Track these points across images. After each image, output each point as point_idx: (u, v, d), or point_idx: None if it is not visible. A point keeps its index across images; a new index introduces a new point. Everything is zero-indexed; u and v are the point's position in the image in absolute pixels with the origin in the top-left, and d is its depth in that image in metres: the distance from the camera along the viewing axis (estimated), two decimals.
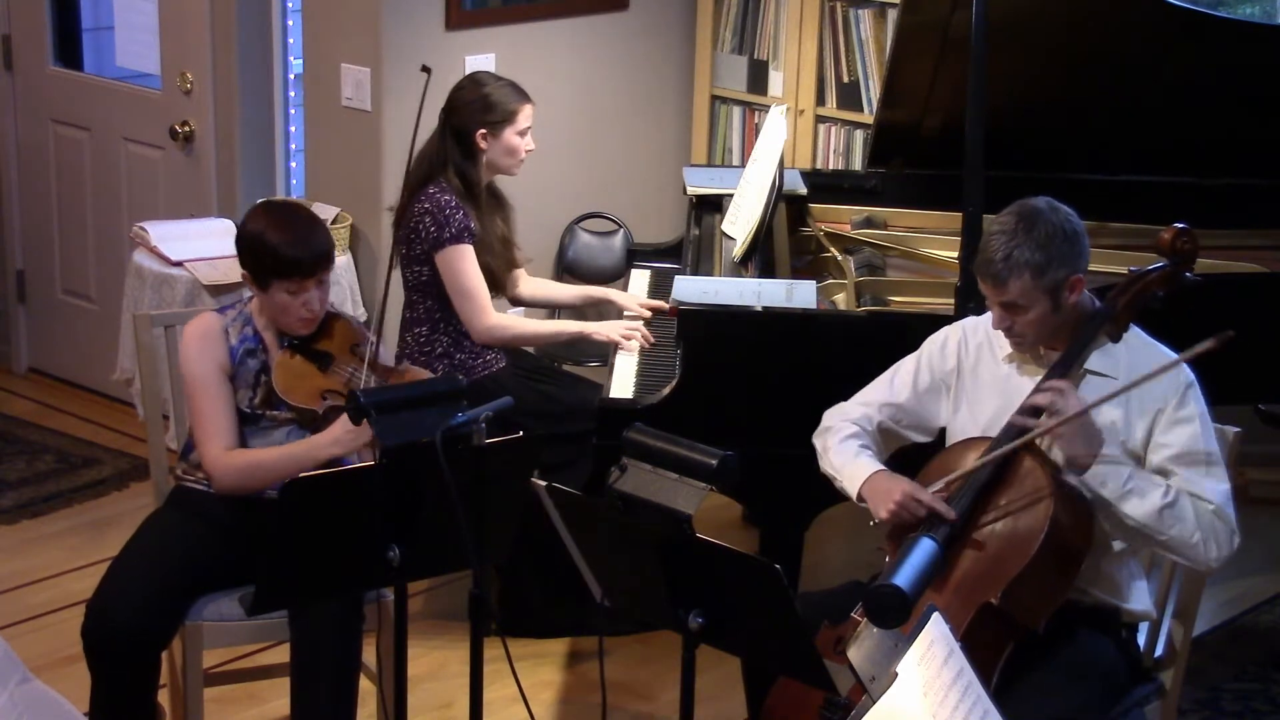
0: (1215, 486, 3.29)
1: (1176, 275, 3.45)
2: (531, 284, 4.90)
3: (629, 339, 4.46)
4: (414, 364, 4.53)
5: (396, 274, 4.74)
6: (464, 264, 4.51)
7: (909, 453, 3.61)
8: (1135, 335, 3.43)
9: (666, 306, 4.58)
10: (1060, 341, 3.39)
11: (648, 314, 4.67)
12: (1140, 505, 3.23)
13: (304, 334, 3.82)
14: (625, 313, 4.76)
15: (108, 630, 3.60)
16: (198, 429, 3.79)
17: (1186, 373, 3.35)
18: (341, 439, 3.70)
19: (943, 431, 3.59)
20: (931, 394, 3.57)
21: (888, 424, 3.58)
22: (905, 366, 3.60)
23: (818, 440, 3.58)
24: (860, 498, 3.41)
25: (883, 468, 3.42)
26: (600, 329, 4.56)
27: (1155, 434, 3.32)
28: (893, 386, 3.59)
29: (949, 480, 3.32)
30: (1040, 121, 4.78)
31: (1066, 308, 3.35)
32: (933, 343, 3.60)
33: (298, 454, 3.73)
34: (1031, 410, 3.30)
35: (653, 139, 6.06)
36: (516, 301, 4.93)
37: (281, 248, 3.72)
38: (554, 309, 5.40)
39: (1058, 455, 3.30)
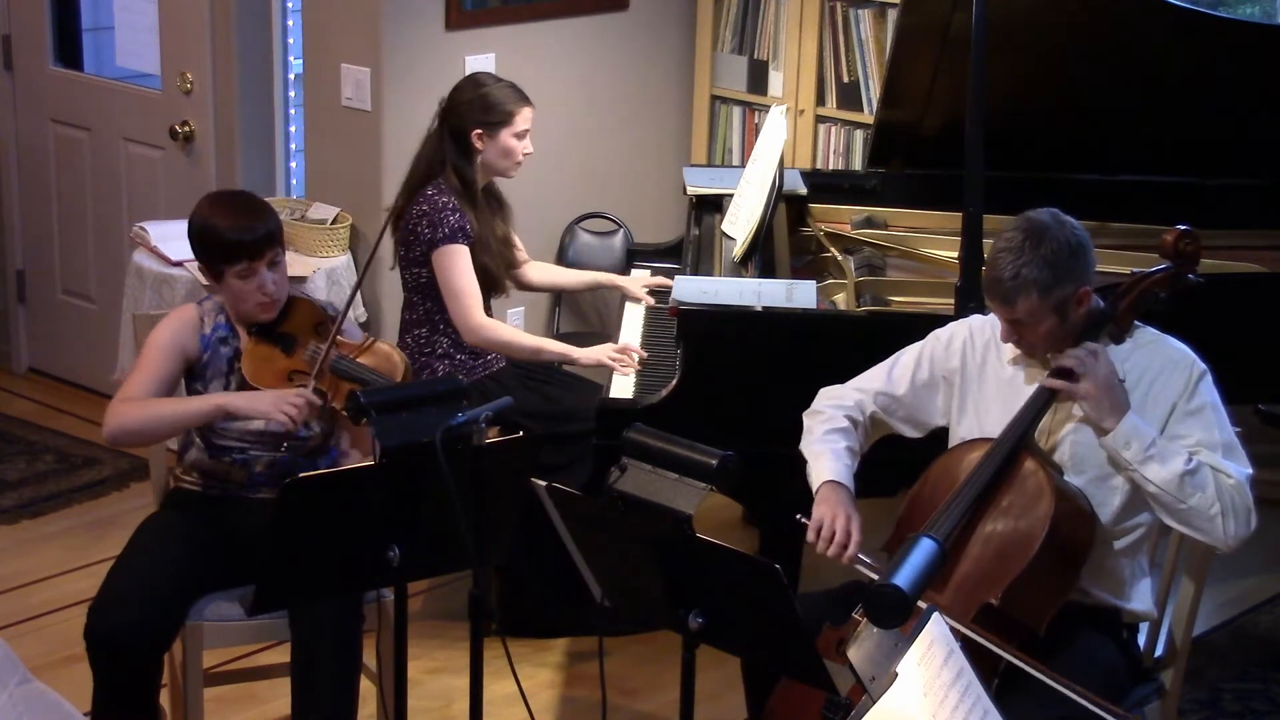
0: (1236, 467, 3.30)
1: (1179, 277, 3.45)
2: (539, 270, 4.96)
3: (619, 362, 4.39)
4: (414, 364, 4.52)
5: (394, 273, 4.75)
6: (455, 264, 4.49)
7: (907, 451, 3.61)
8: (1145, 332, 3.44)
9: (671, 283, 4.58)
10: (1066, 343, 3.38)
11: (651, 300, 4.72)
12: (1162, 470, 3.24)
13: (267, 319, 3.83)
14: (627, 303, 4.78)
15: (110, 633, 3.59)
16: (124, 385, 3.79)
17: (1198, 365, 3.36)
18: (252, 397, 3.71)
19: (937, 430, 3.59)
20: (929, 389, 3.57)
21: (880, 414, 3.58)
22: (905, 358, 3.60)
23: (808, 418, 3.59)
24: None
25: (837, 480, 3.42)
26: (586, 354, 4.49)
27: (1169, 428, 3.32)
28: (891, 377, 3.59)
29: (878, 557, 3.33)
30: (1040, 121, 4.78)
31: (1074, 319, 3.35)
32: (937, 338, 3.59)
33: (194, 402, 3.77)
34: (1060, 373, 3.31)
35: (653, 139, 6.05)
36: (527, 287, 4.96)
37: (226, 232, 3.74)
38: (561, 293, 5.46)
39: (1085, 414, 3.30)
